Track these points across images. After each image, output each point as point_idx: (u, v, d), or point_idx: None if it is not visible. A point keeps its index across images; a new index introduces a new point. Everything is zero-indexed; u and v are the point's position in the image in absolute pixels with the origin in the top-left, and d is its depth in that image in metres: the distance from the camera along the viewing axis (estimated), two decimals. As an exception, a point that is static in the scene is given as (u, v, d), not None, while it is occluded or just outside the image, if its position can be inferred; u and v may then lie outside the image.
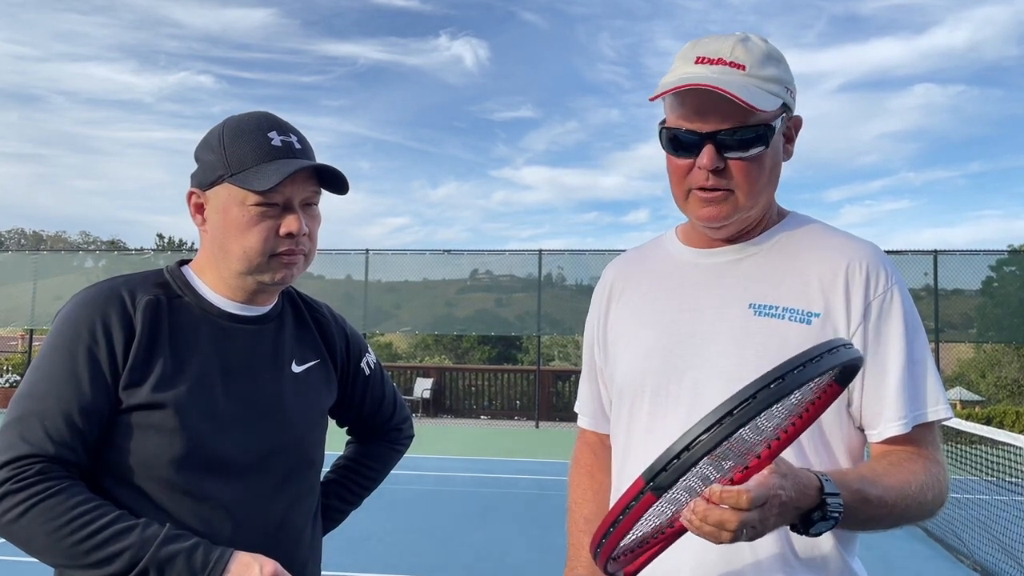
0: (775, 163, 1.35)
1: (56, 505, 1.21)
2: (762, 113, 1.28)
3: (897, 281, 1.33)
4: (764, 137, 1.29)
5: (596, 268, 17.59)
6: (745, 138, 1.28)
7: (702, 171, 1.30)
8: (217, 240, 1.41)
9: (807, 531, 1.11)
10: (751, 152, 1.29)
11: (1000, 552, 6.11)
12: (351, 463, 1.76)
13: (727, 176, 1.30)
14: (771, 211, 1.42)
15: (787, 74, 1.35)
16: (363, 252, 18.03)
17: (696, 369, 1.33)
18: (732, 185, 1.31)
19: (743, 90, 1.26)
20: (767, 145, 1.30)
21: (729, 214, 1.33)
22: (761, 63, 1.30)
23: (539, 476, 10.26)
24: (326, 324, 1.62)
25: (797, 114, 1.39)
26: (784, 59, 1.36)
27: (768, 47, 1.34)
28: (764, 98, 1.28)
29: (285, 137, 1.40)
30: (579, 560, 1.51)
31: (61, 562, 1.24)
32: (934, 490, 1.26)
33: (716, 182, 1.30)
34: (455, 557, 6.23)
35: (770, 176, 1.34)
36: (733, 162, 1.29)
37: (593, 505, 1.56)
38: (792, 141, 1.39)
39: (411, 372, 19.78)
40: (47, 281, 19.15)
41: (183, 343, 1.38)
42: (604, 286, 1.58)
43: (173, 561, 1.21)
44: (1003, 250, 18.83)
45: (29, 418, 1.27)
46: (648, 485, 0.97)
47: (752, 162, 1.30)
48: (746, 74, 1.29)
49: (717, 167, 1.29)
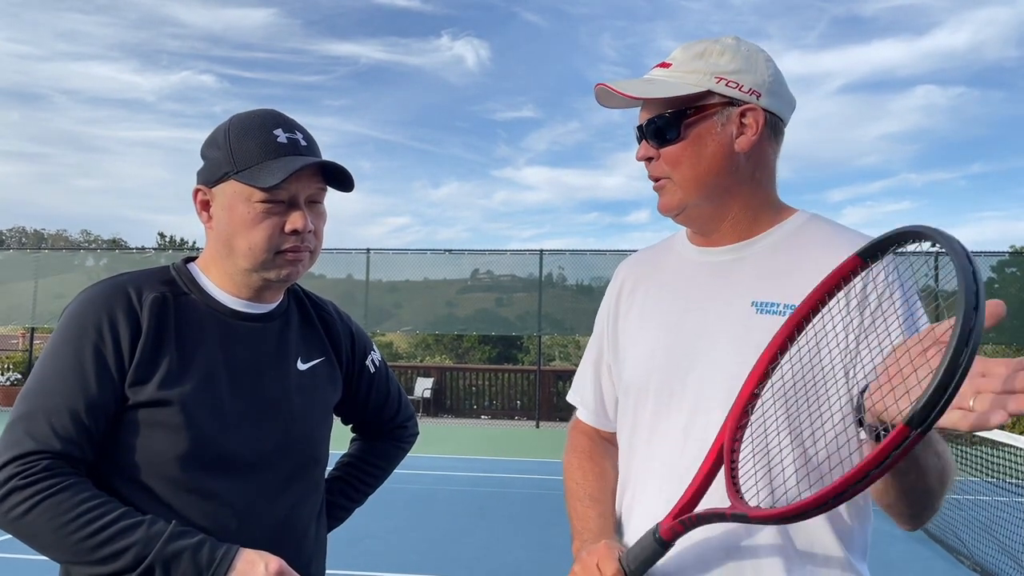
0: (716, 150, 1.35)
1: (62, 502, 1.22)
2: (670, 102, 1.35)
3: (899, 276, 1.33)
4: (676, 124, 1.36)
5: (597, 268, 17.60)
6: (658, 126, 1.37)
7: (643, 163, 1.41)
8: (223, 237, 1.41)
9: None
10: (669, 136, 1.37)
11: (1000, 553, 6.11)
12: (356, 461, 1.77)
13: (660, 165, 1.39)
14: (769, 207, 1.42)
15: (737, 68, 1.35)
16: (364, 251, 18.03)
17: (699, 368, 1.33)
18: (667, 173, 1.38)
19: (638, 84, 1.37)
20: (679, 132, 1.36)
21: (674, 203, 1.39)
22: (691, 59, 1.37)
23: (539, 476, 10.26)
24: (331, 322, 1.62)
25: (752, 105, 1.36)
26: (753, 58, 1.37)
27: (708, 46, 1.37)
28: (664, 87, 1.35)
29: (291, 134, 1.41)
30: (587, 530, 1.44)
31: (67, 558, 1.25)
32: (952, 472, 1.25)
33: (652, 172, 1.40)
34: (455, 556, 6.24)
35: (709, 162, 1.35)
36: (663, 151, 1.38)
37: (598, 484, 1.52)
38: (750, 133, 1.36)
39: (412, 372, 19.77)
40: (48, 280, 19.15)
41: (189, 340, 1.38)
42: (615, 284, 1.60)
43: (179, 558, 1.22)
44: (1004, 251, 18.82)
45: (36, 414, 1.27)
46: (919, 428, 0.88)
47: (675, 147, 1.36)
48: (669, 71, 1.38)
49: (649, 156, 1.39)
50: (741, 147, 1.36)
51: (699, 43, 1.40)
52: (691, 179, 1.36)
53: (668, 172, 1.37)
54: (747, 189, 1.39)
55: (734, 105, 1.36)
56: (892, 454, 0.91)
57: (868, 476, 0.93)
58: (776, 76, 1.39)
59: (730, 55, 1.37)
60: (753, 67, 1.37)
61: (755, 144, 1.37)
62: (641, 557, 1.20)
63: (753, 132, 1.36)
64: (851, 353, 1.26)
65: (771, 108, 1.38)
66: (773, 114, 1.39)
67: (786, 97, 1.41)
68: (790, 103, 1.43)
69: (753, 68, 1.37)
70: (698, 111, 1.36)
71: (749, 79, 1.36)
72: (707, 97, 1.35)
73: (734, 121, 1.36)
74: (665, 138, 1.37)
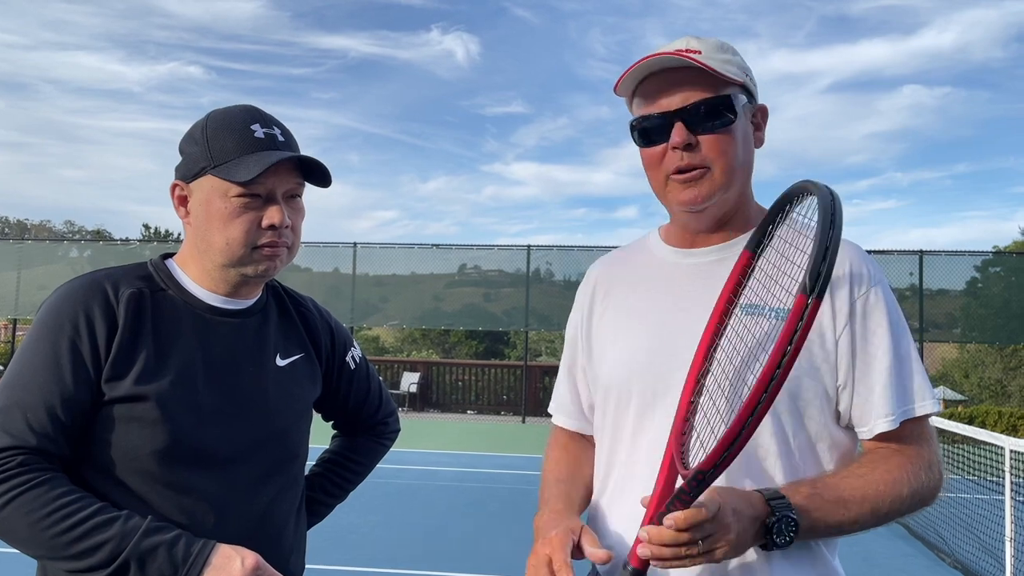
0: (746, 143, 1.37)
1: (38, 497, 1.21)
2: (727, 82, 1.31)
3: (880, 280, 1.34)
4: (731, 107, 1.31)
5: (585, 264, 17.59)
6: (713, 108, 1.30)
7: (676, 152, 1.32)
8: (200, 232, 1.40)
9: (772, 538, 1.17)
10: (721, 122, 1.31)
11: (981, 551, 6.17)
12: (336, 457, 1.76)
13: (700, 153, 1.31)
14: (750, 208, 1.43)
15: (744, 64, 1.39)
16: (351, 245, 17.97)
17: (683, 370, 1.33)
18: (707, 161, 1.32)
19: (704, 60, 1.30)
20: (735, 115, 1.32)
21: (708, 194, 1.33)
22: (716, 49, 1.35)
23: (525, 471, 10.27)
24: (311, 318, 1.61)
25: (763, 103, 1.42)
26: (740, 57, 1.40)
27: (721, 42, 1.38)
28: (725, 68, 1.32)
29: (268, 129, 1.40)
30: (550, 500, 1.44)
31: (43, 554, 1.24)
32: (913, 485, 1.27)
33: (690, 160, 1.32)
34: (440, 550, 6.23)
35: (743, 155, 1.36)
36: (704, 137, 1.31)
37: (567, 469, 1.52)
38: (760, 129, 1.42)
39: (398, 366, 19.73)
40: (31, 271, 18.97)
41: (166, 336, 1.37)
42: (588, 285, 1.58)
43: (154, 553, 1.21)
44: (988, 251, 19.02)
45: (11, 409, 1.26)
46: (813, 293, 1.04)
47: (724, 134, 1.31)
48: (703, 56, 1.32)
49: (689, 143, 1.30)
50: (759, 143, 1.40)
51: (710, 39, 1.37)
52: (732, 170, 1.33)
53: (709, 161, 1.32)
54: (748, 186, 1.42)
55: (750, 97, 1.38)
56: (799, 325, 1.03)
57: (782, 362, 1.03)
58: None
59: (740, 57, 1.39)
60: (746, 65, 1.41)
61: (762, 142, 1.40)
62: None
63: (762, 128, 1.41)
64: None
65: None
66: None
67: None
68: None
69: (747, 65, 1.41)
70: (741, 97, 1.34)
71: (753, 77, 1.40)
72: (739, 90, 1.35)
73: (752, 118, 1.39)
74: (714, 124, 1.31)
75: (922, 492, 1.28)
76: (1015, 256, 18.21)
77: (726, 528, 1.13)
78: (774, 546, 1.18)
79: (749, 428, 1.05)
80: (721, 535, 1.13)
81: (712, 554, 1.13)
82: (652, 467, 1.27)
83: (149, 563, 1.20)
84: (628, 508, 1.34)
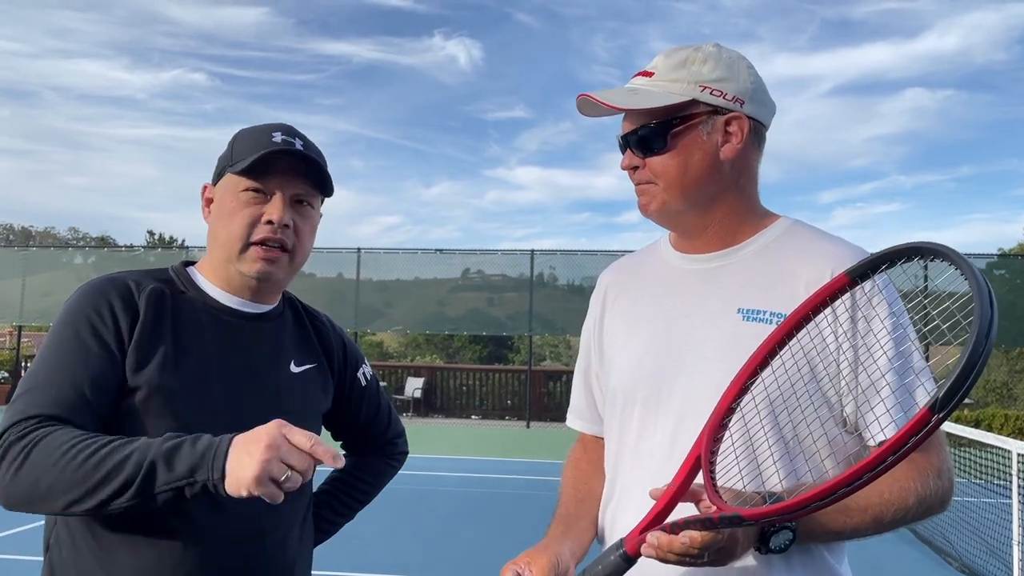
0: (703, 158, 1.36)
1: (56, 439, 1.21)
2: (655, 112, 1.35)
3: (884, 285, 1.32)
4: (662, 135, 1.36)
5: (588, 268, 17.61)
6: (643, 136, 1.37)
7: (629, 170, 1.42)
8: (211, 228, 1.46)
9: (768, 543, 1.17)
10: (656, 147, 1.37)
11: (988, 554, 6.15)
12: (345, 475, 1.76)
13: (646, 172, 1.39)
14: (753, 214, 1.42)
15: (720, 76, 1.35)
16: (355, 251, 18.01)
17: (686, 375, 1.33)
18: (653, 179, 1.38)
19: (621, 94, 1.37)
20: (665, 142, 1.36)
21: (658, 207, 1.39)
22: (674, 67, 1.36)
23: (529, 476, 10.26)
24: (325, 331, 1.64)
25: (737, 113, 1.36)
26: (735, 66, 1.37)
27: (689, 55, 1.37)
28: (648, 97, 1.35)
29: (288, 137, 1.43)
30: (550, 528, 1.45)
31: (75, 491, 1.20)
32: (920, 494, 1.25)
33: (638, 178, 1.41)
34: (444, 556, 6.23)
35: (694, 171, 1.36)
36: (647, 159, 1.38)
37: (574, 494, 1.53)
38: (735, 141, 1.36)
39: (402, 371, 19.77)
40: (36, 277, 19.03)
41: (184, 333, 1.40)
42: (600, 291, 1.59)
43: (179, 449, 1.19)
44: (992, 254, 18.94)
45: (35, 389, 1.28)
46: (940, 413, 0.96)
47: (662, 158, 1.36)
48: (652, 80, 1.37)
49: (635, 165, 1.40)
50: (727, 155, 1.36)
51: (680, 50, 1.39)
52: (677, 187, 1.37)
53: (654, 179, 1.38)
54: (732, 196, 1.40)
55: (719, 114, 1.35)
56: (912, 439, 0.96)
57: (886, 462, 0.97)
58: (758, 83, 1.39)
59: (712, 63, 1.36)
60: (736, 75, 1.37)
61: (740, 152, 1.37)
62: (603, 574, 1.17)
63: (738, 140, 1.36)
64: (837, 367, 1.28)
65: (754, 115, 1.38)
66: (756, 121, 1.39)
67: (768, 103, 1.41)
68: (772, 109, 1.43)
69: (736, 76, 1.37)
70: (683, 120, 1.35)
71: (732, 87, 1.36)
72: (692, 106, 1.35)
73: (719, 129, 1.36)
74: (651, 148, 1.37)
75: (930, 500, 1.27)
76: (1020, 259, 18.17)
77: (735, 543, 1.15)
78: (769, 551, 1.18)
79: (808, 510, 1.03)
80: (729, 549, 1.15)
81: (714, 562, 1.15)
82: (655, 473, 1.26)
83: (176, 460, 1.18)
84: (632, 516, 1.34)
